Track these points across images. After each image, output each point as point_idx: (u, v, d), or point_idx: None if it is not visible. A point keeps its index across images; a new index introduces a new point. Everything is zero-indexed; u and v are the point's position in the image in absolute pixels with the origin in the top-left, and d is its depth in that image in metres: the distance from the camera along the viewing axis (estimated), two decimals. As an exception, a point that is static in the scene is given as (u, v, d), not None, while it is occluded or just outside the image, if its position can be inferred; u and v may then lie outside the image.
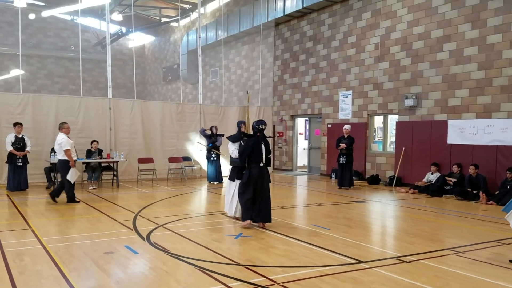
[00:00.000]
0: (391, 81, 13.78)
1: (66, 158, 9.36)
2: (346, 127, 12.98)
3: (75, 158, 9.70)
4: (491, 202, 10.18)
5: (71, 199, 9.57)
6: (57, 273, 4.89)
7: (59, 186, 9.73)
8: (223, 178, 13.72)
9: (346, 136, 12.79)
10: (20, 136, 11.43)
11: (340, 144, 12.74)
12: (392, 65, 13.74)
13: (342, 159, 12.70)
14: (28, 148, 11.49)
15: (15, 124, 11.45)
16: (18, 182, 11.38)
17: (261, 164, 7.27)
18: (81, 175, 12.78)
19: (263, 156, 7.26)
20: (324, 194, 12.28)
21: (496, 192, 10.43)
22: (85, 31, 27.30)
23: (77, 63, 15.80)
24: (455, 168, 11.54)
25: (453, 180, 11.44)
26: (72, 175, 9.41)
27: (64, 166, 9.42)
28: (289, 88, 18.21)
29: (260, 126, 7.33)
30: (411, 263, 5.41)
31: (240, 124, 8.31)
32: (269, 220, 7.36)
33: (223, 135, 13.56)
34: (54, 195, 9.66)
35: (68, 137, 9.55)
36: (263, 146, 7.26)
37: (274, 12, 17.93)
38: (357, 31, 15.02)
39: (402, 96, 13.37)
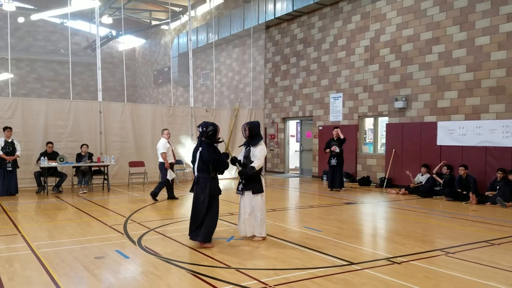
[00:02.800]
0: (381, 83, 13.87)
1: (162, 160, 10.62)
2: (336, 129, 12.97)
3: (171, 160, 10.83)
4: (488, 203, 10.22)
5: (154, 196, 10.61)
6: (47, 278, 4.85)
7: (168, 186, 10.76)
8: None
9: (335, 138, 12.81)
10: (9, 140, 11.32)
11: (332, 146, 12.67)
12: (382, 67, 13.82)
13: (333, 161, 12.72)
14: (18, 153, 11.39)
15: (5, 129, 11.34)
16: (7, 187, 11.28)
17: (195, 174, 6.36)
18: (71, 179, 12.71)
19: (196, 164, 6.29)
20: (316, 196, 12.31)
21: (487, 193, 10.53)
22: (74, 34, 27.21)
23: (67, 67, 15.72)
24: (444, 170, 11.64)
25: (441, 181, 11.52)
26: (169, 175, 10.68)
27: (162, 167, 10.72)
28: (280, 90, 18.26)
29: (199, 129, 6.34)
30: (402, 264, 5.44)
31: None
32: (201, 239, 6.16)
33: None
34: (171, 195, 10.85)
35: (168, 141, 10.74)
36: (198, 153, 6.29)
37: (265, 15, 17.98)
38: (347, 34, 15.10)
39: (392, 98, 13.46)
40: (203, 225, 6.18)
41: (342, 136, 12.74)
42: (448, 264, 5.44)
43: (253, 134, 6.56)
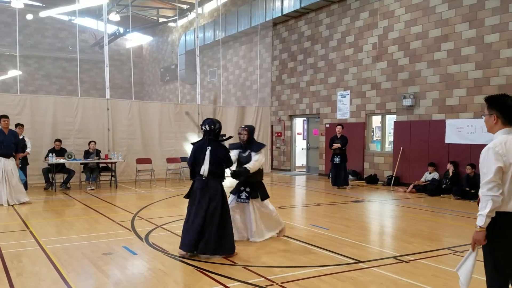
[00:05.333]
0: (389, 81, 13.79)
1: None
2: (339, 127, 12.98)
3: None
4: None
5: None
6: (56, 274, 4.88)
7: None
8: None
9: (339, 136, 12.80)
10: (21, 137, 11.31)
11: (334, 144, 12.74)
12: (390, 65, 13.75)
13: (336, 159, 12.71)
14: (28, 150, 11.40)
15: (17, 125, 11.29)
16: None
17: (203, 177, 5.54)
18: (79, 176, 12.78)
19: (207, 166, 5.52)
20: (323, 194, 12.29)
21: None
22: (82, 31, 27.24)
23: (75, 64, 15.75)
24: (448, 166, 11.60)
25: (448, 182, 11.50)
26: None
27: None
28: (287, 88, 18.22)
29: (203, 127, 5.72)
30: (410, 262, 5.42)
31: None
32: (216, 252, 5.45)
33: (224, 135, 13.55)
34: None
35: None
36: (208, 153, 5.56)
37: (272, 12, 17.94)
38: (355, 31, 15.03)
39: (400, 96, 13.38)
40: (219, 236, 5.47)
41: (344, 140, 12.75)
42: (456, 263, 5.36)
43: (250, 139, 6.35)
